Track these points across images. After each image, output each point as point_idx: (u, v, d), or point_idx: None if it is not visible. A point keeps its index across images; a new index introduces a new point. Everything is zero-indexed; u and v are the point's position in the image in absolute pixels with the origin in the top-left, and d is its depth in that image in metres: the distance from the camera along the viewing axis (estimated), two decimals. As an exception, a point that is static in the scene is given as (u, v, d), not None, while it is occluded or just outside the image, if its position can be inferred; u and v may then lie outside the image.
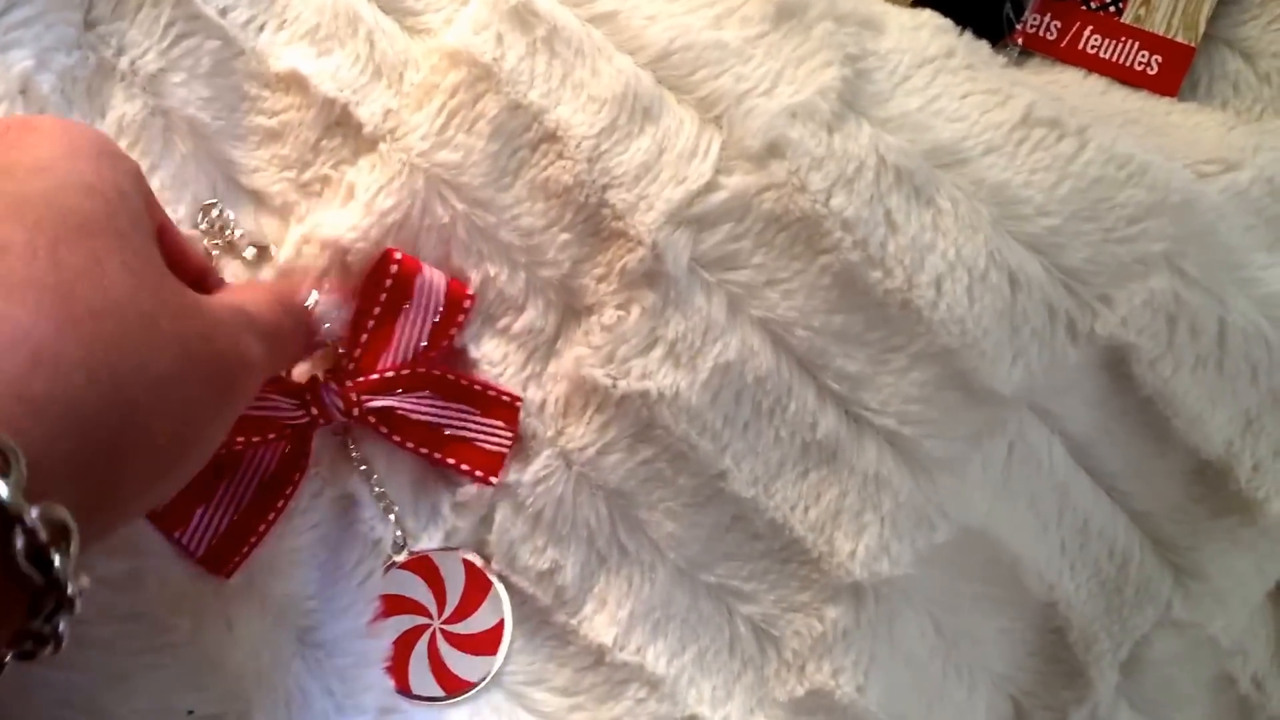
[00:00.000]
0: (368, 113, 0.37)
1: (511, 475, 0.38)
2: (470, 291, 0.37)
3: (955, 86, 0.38)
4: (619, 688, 0.38)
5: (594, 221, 0.37)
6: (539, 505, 0.37)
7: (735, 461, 0.37)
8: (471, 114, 0.36)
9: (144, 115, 0.37)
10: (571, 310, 0.38)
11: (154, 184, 0.36)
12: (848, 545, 0.37)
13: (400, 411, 0.36)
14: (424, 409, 0.36)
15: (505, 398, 0.37)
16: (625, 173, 0.36)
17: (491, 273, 0.37)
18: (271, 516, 0.35)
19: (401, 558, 0.37)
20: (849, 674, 0.38)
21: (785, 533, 0.37)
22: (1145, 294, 0.36)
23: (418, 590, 0.38)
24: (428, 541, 0.37)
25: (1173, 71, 0.42)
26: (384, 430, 0.36)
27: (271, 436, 0.34)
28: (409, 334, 0.36)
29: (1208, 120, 0.41)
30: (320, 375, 0.36)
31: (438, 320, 0.36)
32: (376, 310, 0.35)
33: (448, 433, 0.37)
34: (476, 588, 0.38)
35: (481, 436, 0.37)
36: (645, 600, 0.38)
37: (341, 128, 0.37)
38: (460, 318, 0.37)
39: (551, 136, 0.36)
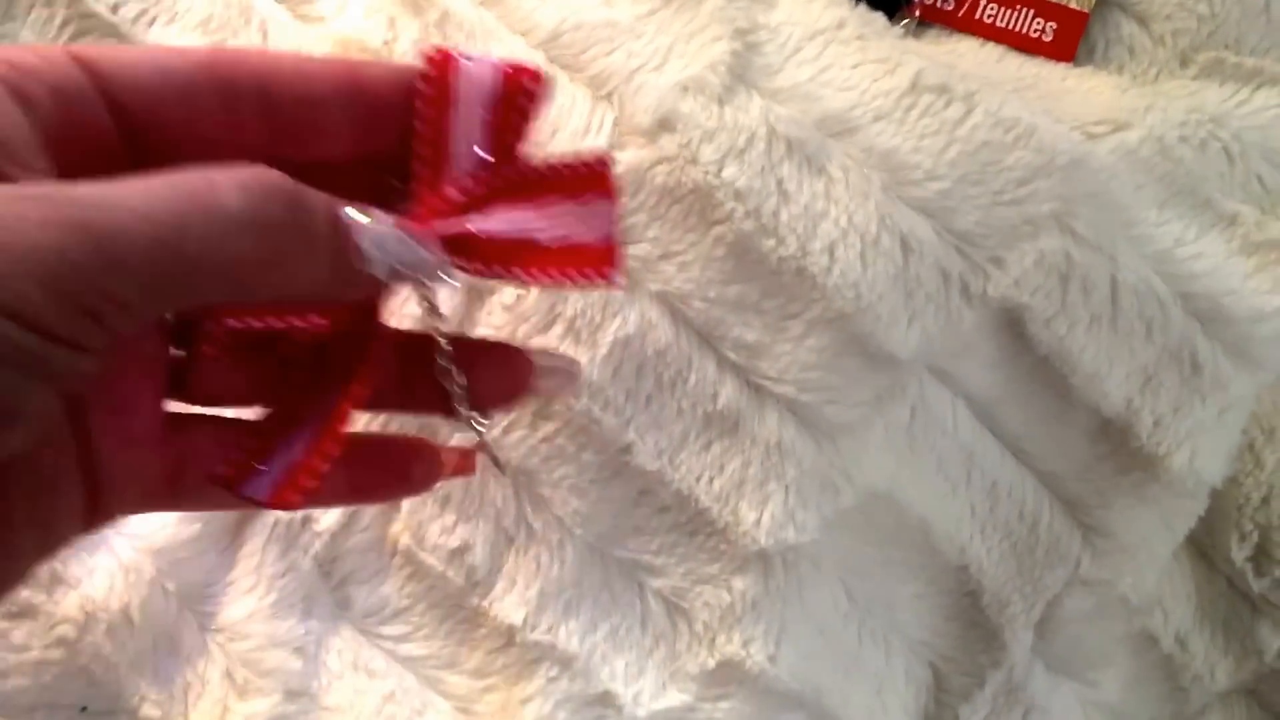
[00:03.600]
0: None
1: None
2: (534, 68, 0.27)
3: (846, 57, 0.38)
4: (530, 667, 0.38)
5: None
6: (446, 484, 0.38)
7: (639, 435, 0.37)
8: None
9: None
10: (475, 290, 0.38)
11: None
12: (753, 514, 0.37)
13: (483, 235, 0.27)
14: (505, 226, 0.28)
15: (588, 166, 0.28)
16: (518, 152, 0.36)
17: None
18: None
19: None
20: (759, 644, 0.38)
21: (691, 504, 0.38)
22: (1036, 254, 0.37)
23: None
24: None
25: (1068, 37, 0.42)
26: (470, 264, 0.27)
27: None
28: (462, 147, 0.28)
29: (1102, 84, 0.41)
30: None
31: (490, 118, 0.28)
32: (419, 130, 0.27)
33: (544, 239, 0.28)
34: None
35: (583, 229, 0.28)
36: (555, 579, 0.38)
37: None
38: (527, 106, 0.28)
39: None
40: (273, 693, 0.35)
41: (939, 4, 0.43)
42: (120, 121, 0.23)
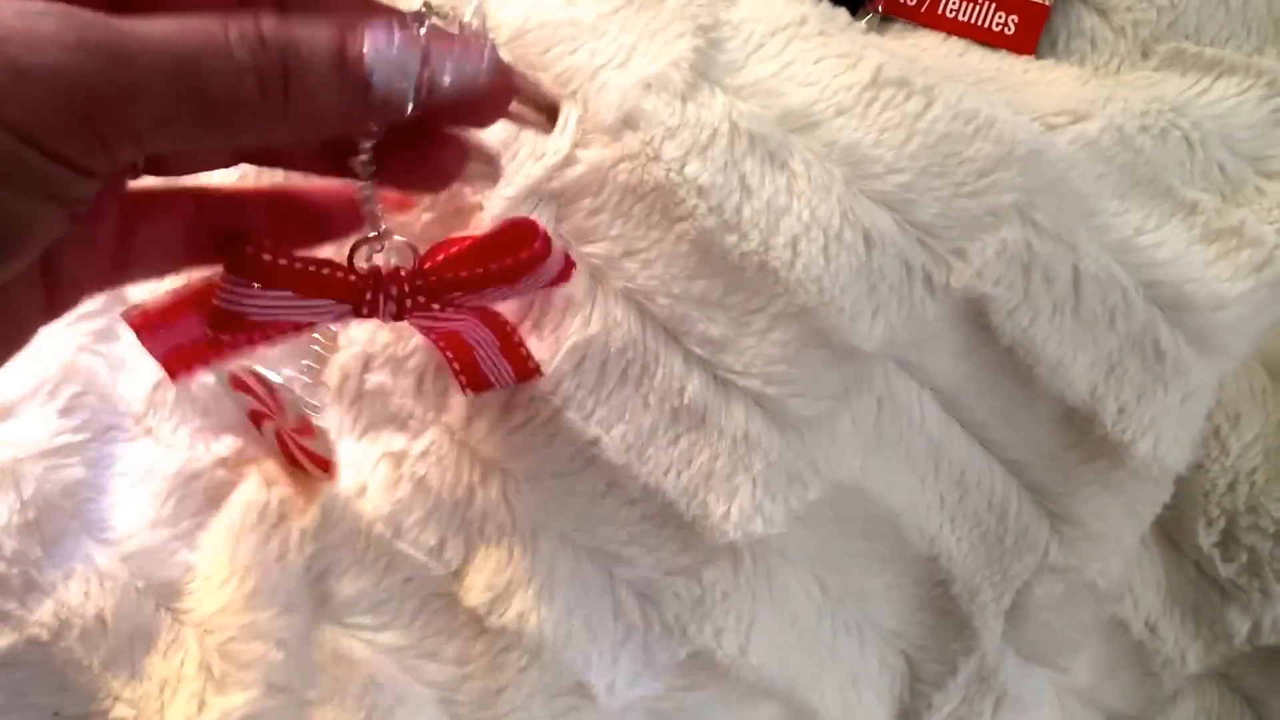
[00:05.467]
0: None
1: (396, 447, 0.38)
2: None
3: (808, 52, 0.39)
4: (502, 656, 0.38)
5: (455, 200, 0.37)
6: (421, 475, 0.38)
7: (604, 430, 0.37)
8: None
9: None
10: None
11: None
12: (721, 507, 0.38)
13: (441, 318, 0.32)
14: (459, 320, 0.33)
15: (531, 363, 0.35)
16: (483, 151, 0.37)
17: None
18: None
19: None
20: (730, 635, 0.38)
21: (659, 497, 0.38)
22: (998, 245, 0.37)
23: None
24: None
25: (1029, 30, 0.42)
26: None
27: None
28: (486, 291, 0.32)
29: (1064, 76, 0.42)
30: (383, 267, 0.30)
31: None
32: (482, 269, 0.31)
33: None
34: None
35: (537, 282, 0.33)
36: (527, 568, 0.38)
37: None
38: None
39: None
40: (253, 686, 0.36)
41: (902, -1, 0.43)
42: None
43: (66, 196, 0.21)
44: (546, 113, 0.30)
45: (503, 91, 0.28)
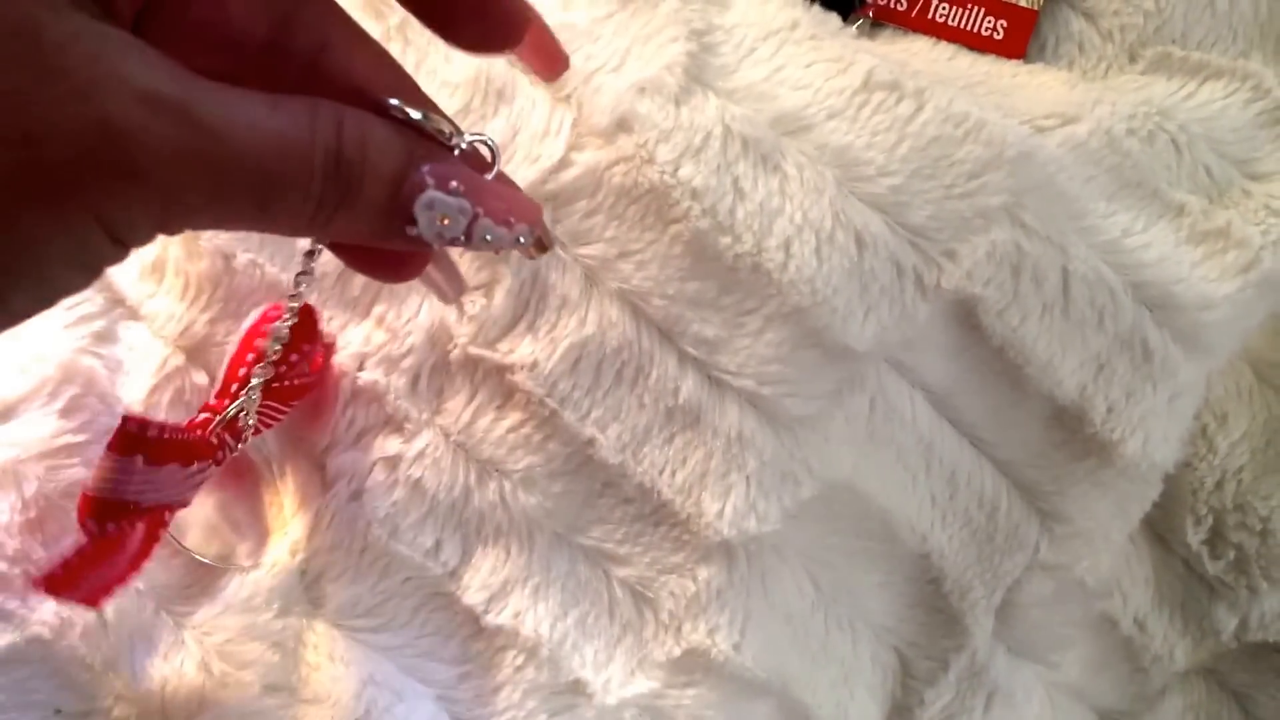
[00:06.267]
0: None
1: (393, 449, 0.38)
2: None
3: (800, 56, 0.39)
4: (499, 655, 0.39)
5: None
6: (418, 477, 0.38)
7: (600, 430, 0.38)
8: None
9: None
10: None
11: None
12: (715, 505, 0.38)
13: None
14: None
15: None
16: (479, 154, 0.37)
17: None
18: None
19: None
20: (724, 632, 0.39)
21: (654, 496, 0.38)
22: (988, 246, 0.38)
23: None
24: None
25: (1018, 35, 0.43)
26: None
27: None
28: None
29: (1052, 80, 0.42)
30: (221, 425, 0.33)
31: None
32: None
33: None
34: None
35: None
36: (523, 566, 0.39)
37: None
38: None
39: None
40: (251, 686, 0.36)
41: (892, 4, 0.44)
42: None
43: (104, 267, 0.22)
44: (454, 291, 0.31)
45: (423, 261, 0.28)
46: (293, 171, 0.21)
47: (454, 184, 0.23)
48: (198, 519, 0.38)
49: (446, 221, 0.23)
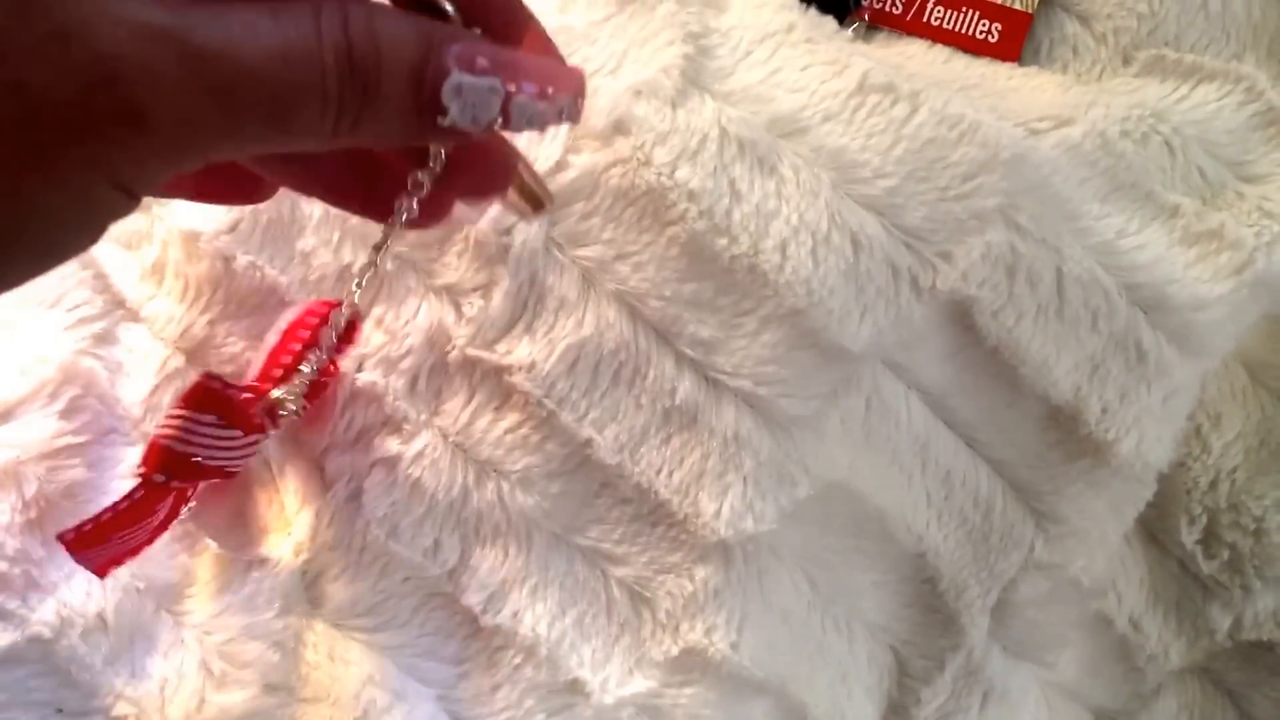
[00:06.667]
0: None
1: (391, 450, 0.39)
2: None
3: (795, 59, 0.39)
4: (498, 654, 0.39)
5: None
6: (417, 478, 0.38)
7: (598, 430, 0.38)
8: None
9: None
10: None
11: None
12: (712, 505, 0.38)
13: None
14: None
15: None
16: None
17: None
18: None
19: None
20: (722, 631, 0.39)
21: (651, 496, 0.38)
22: (983, 248, 0.38)
23: None
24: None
25: (1012, 38, 0.43)
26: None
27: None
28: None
29: (1047, 83, 0.42)
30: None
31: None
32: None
33: None
34: None
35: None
36: (522, 566, 0.39)
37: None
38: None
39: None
40: (251, 685, 0.36)
41: (887, 7, 0.44)
42: None
43: (112, 222, 0.20)
44: (531, 203, 0.30)
45: (508, 168, 0.26)
46: (304, 79, 0.20)
47: (481, 62, 0.21)
48: (198, 518, 0.38)
49: (479, 105, 0.21)
